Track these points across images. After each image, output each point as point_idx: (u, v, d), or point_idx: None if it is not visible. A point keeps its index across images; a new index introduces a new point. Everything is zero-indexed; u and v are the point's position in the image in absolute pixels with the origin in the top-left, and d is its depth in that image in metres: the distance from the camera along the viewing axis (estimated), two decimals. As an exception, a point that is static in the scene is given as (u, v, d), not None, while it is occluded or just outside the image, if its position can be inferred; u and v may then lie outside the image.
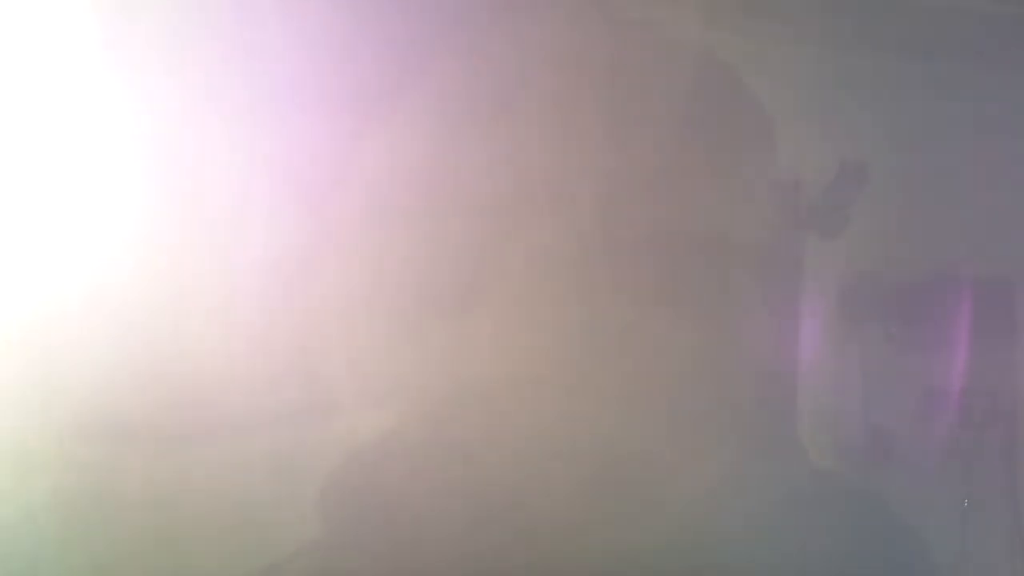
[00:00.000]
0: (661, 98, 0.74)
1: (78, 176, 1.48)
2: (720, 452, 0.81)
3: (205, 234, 1.57)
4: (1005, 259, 2.65)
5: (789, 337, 2.57)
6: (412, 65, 0.78)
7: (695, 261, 0.73)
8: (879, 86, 2.51)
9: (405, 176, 0.75)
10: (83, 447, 1.39)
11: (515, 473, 0.75)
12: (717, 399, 0.76)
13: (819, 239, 2.46)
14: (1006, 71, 2.74)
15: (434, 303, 0.74)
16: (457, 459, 0.76)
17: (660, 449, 0.75)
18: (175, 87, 1.54)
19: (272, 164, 1.71)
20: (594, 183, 0.70)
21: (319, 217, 1.81)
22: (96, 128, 1.47)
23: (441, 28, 0.79)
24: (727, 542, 0.81)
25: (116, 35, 1.51)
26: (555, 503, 0.75)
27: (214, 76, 1.60)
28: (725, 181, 0.74)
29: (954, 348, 2.64)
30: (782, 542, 0.83)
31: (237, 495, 0.83)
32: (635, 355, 0.73)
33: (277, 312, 1.80)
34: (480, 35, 0.77)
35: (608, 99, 0.73)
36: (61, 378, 1.44)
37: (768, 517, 0.83)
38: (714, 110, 0.77)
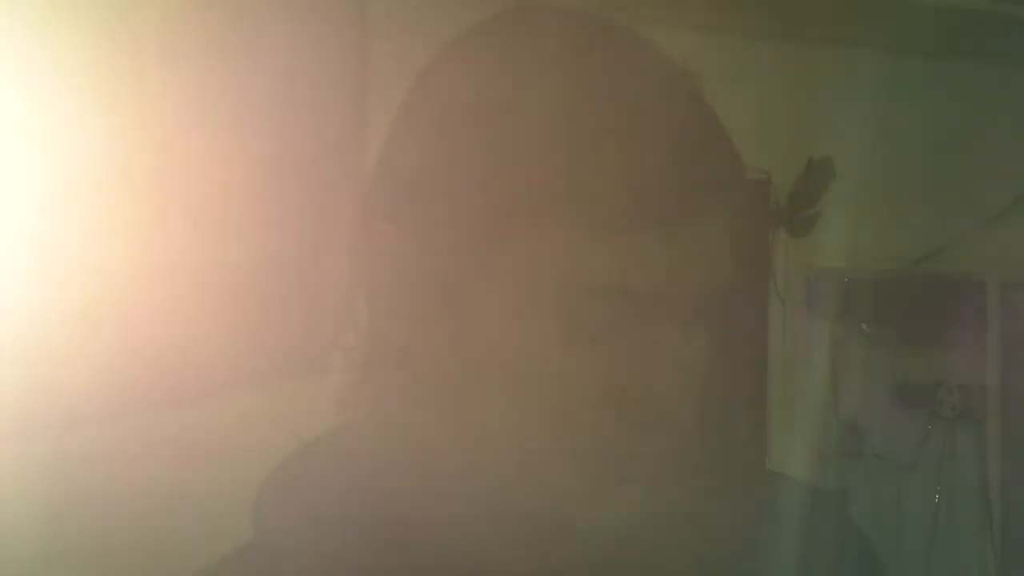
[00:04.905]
0: (643, 101, 0.74)
1: (78, 175, 1.46)
2: (702, 449, 0.81)
3: (203, 231, 1.55)
4: (975, 257, 2.68)
5: (762, 334, 2.58)
6: (411, 69, 0.78)
7: (683, 261, 0.73)
8: (851, 84, 2.51)
9: (401, 177, 0.75)
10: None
11: (515, 471, 0.75)
12: (705, 396, 0.76)
13: (789, 236, 2.48)
14: (980, 70, 2.76)
15: (433, 301, 0.74)
16: (458, 456, 0.76)
17: (645, 447, 0.75)
18: (174, 87, 1.52)
19: (272, 163, 1.70)
20: (593, 183, 0.70)
21: (318, 216, 1.80)
22: (96, 128, 1.45)
23: (439, 31, 0.79)
24: (713, 539, 0.81)
25: (116, 37, 1.49)
26: (555, 502, 0.75)
27: (213, 76, 1.58)
28: (703, 184, 0.74)
29: (926, 344, 2.66)
30: (763, 539, 0.83)
31: (234, 492, 0.82)
32: (627, 355, 0.73)
33: (278, 309, 1.79)
34: (479, 40, 0.78)
35: (593, 104, 0.73)
36: (59, 369, 1.44)
37: (743, 513, 0.83)
38: (697, 111, 0.77)
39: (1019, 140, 2.43)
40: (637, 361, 0.73)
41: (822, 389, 2.40)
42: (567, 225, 0.71)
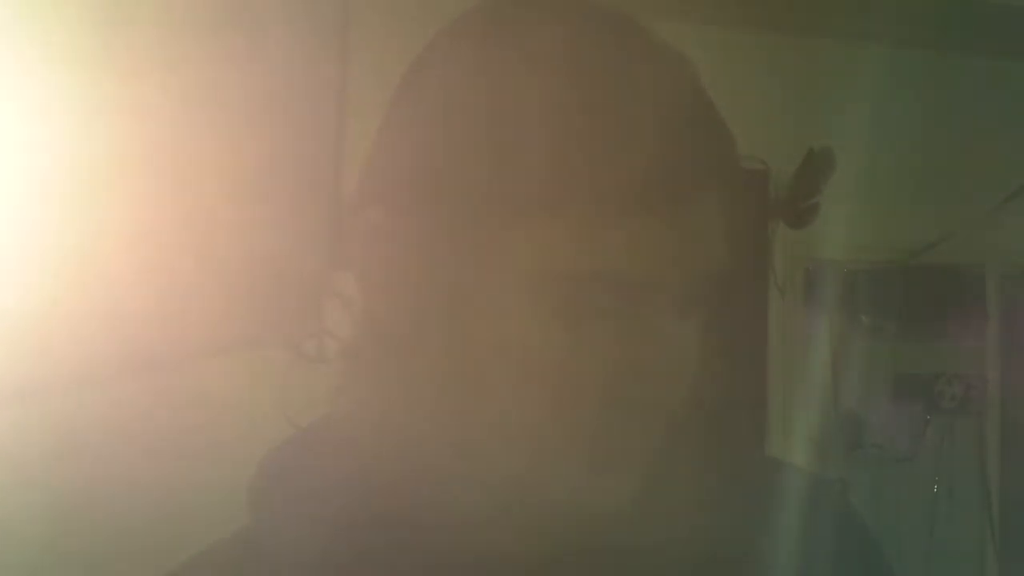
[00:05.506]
0: (639, 89, 0.74)
1: (77, 174, 1.46)
2: (701, 441, 0.81)
3: (198, 221, 1.55)
4: (976, 248, 2.68)
5: (761, 325, 2.58)
6: (396, 65, 0.78)
7: (679, 248, 0.73)
8: (852, 75, 2.51)
9: (396, 164, 0.75)
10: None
11: (512, 457, 0.75)
12: (702, 383, 0.76)
13: (788, 227, 2.47)
14: (980, 62, 2.76)
15: (428, 288, 0.74)
16: (453, 442, 0.76)
17: (642, 433, 0.75)
18: (169, 88, 1.52)
19: (269, 162, 1.70)
20: (590, 171, 0.70)
21: (314, 205, 1.80)
22: (94, 128, 1.45)
23: (424, 22, 0.79)
24: (710, 525, 0.81)
25: (111, 40, 1.49)
26: (553, 488, 0.75)
27: (209, 78, 1.58)
28: (705, 179, 0.74)
29: (925, 335, 2.66)
30: (761, 525, 0.83)
31: (229, 477, 0.82)
32: (624, 342, 0.73)
33: (275, 297, 1.79)
34: (476, 40, 0.78)
35: (590, 92, 0.73)
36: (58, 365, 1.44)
37: (741, 499, 0.83)
38: (692, 98, 0.77)
39: (1019, 131, 2.42)
40: (633, 348, 0.73)
41: (821, 380, 2.40)
42: (563, 212, 0.71)
